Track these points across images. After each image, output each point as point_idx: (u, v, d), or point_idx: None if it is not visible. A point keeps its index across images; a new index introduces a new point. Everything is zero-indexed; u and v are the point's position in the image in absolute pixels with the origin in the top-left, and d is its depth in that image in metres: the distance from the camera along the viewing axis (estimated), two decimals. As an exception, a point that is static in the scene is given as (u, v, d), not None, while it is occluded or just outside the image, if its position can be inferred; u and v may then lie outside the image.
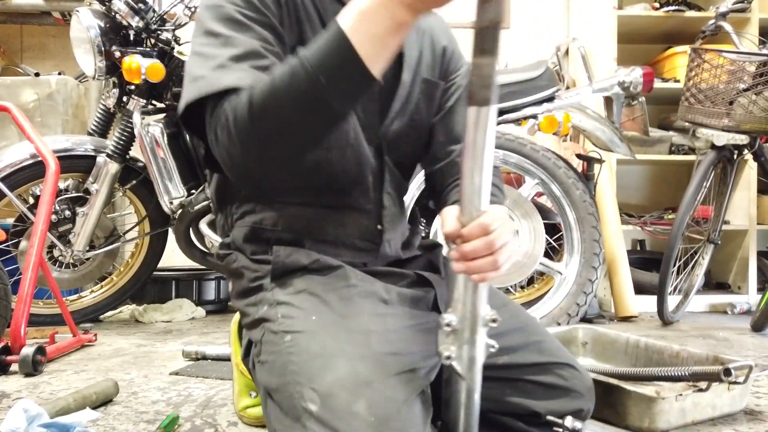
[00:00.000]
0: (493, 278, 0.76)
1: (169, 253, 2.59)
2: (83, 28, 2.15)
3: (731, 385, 1.24)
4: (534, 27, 3.68)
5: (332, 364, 0.80)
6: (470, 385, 0.79)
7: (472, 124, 0.69)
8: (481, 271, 0.75)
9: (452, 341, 0.77)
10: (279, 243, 0.99)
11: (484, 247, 0.75)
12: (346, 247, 1.02)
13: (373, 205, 1.03)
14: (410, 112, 1.06)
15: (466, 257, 0.75)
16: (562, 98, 2.39)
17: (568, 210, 2.23)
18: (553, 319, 2.13)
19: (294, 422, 0.78)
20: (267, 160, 0.83)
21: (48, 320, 2.28)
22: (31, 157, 2.16)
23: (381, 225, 1.04)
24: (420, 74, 1.06)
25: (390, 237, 1.06)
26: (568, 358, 1.00)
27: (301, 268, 0.96)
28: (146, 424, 1.23)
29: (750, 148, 2.48)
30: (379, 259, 1.05)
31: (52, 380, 1.58)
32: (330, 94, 0.75)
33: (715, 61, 2.25)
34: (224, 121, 0.81)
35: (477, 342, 0.77)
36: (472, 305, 0.76)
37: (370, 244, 1.04)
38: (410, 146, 1.08)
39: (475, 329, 0.76)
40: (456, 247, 0.76)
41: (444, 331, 0.77)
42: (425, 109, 1.08)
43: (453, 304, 0.78)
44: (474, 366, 0.78)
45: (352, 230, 1.02)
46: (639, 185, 3.63)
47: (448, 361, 0.78)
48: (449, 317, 0.77)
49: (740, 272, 3.14)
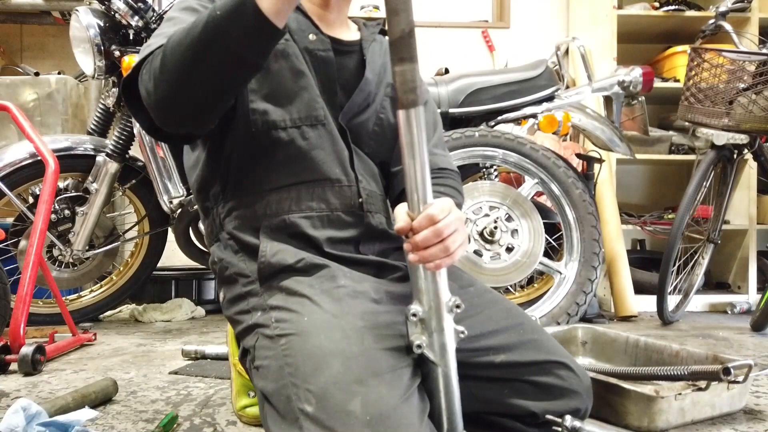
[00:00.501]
0: (446, 264, 0.81)
1: (168, 252, 2.59)
2: (83, 27, 2.15)
3: (731, 385, 1.24)
4: (533, 26, 3.68)
5: (327, 364, 0.80)
6: (446, 371, 0.83)
7: (404, 125, 0.76)
8: (434, 259, 0.80)
9: (421, 330, 0.82)
10: (268, 231, 1.00)
11: (433, 236, 0.79)
12: (332, 223, 1.02)
13: (351, 179, 1.05)
14: (375, 110, 1.12)
15: (418, 247, 0.79)
16: (562, 98, 2.40)
17: (568, 209, 2.23)
18: (553, 318, 2.13)
19: (291, 424, 0.78)
20: (180, 100, 0.87)
21: (47, 319, 2.28)
22: (30, 157, 2.15)
23: (361, 197, 1.05)
24: (386, 79, 1.14)
25: (371, 209, 1.07)
26: (564, 356, 1.00)
27: (288, 268, 0.96)
28: (145, 423, 1.23)
29: (750, 147, 2.47)
30: (367, 235, 1.05)
31: (52, 379, 1.58)
32: (227, 29, 0.80)
33: (715, 61, 2.25)
34: (146, 70, 0.89)
35: (445, 328, 0.81)
36: (435, 294, 0.81)
37: (354, 217, 1.04)
38: (377, 142, 1.13)
39: (441, 316, 0.81)
40: (408, 239, 0.81)
41: (412, 322, 0.81)
42: (391, 109, 1.14)
43: (416, 296, 0.82)
44: (446, 352, 0.82)
45: (336, 203, 1.03)
46: (639, 185, 3.63)
47: (419, 350, 0.81)
48: (414, 308, 0.81)
49: (740, 272, 3.14)
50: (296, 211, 1.01)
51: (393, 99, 1.14)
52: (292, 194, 1.02)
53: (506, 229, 2.18)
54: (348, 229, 1.04)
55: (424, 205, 0.79)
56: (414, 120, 0.75)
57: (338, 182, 1.04)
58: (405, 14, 0.72)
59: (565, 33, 3.65)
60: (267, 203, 1.02)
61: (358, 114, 1.09)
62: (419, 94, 0.75)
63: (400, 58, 0.73)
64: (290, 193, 1.02)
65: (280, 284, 0.95)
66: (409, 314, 0.82)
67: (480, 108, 2.35)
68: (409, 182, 0.79)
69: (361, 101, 1.09)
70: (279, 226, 1.00)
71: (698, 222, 2.68)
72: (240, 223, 1.03)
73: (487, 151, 2.23)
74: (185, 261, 2.51)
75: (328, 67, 1.06)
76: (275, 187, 1.02)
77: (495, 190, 2.20)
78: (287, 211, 1.01)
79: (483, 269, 2.14)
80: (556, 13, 3.70)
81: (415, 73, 0.74)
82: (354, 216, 1.04)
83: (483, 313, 1.00)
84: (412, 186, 0.79)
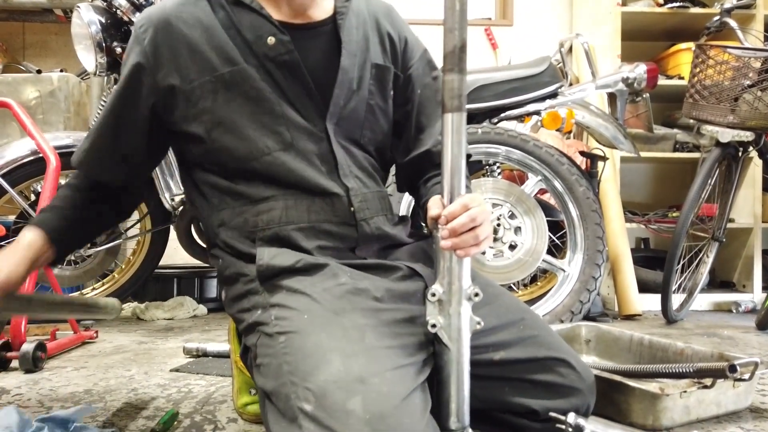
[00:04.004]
0: (474, 253, 0.85)
1: (170, 250, 2.59)
2: (84, 24, 2.14)
3: (736, 383, 1.23)
4: (537, 23, 3.67)
5: (326, 362, 0.79)
6: (458, 357, 0.85)
7: (448, 127, 0.84)
8: (465, 246, 0.83)
9: (439, 311, 0.85)
10: (263, 242, 1.00)
11: (469, 221, 0.83)
12: (325, 234, 1.01)
13: (340, 188, 1.03)
14: (364, 97, 1.08)
15: (455, 232, 0.83)
16: (566, 95, 2.38)
17: (572, 207, 2.22)
18: (557, 316, 2.12)
19: (290, 423, 0.77)
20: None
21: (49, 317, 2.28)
22: (32, 154, 2.15)
23: (353, 206, 1.03)
24: (369, 60, 1.08)
25: (366, 216, 1.04)
26: (565, 353, 0.98)
27: (288, 269, 0.95)
28: (146, 420, 1.22)
29: (755, 145, 2.46)
30: (362, 242, 1.04)
31: (53, 377, 1.58)
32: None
33: (719, 58, 2.24)
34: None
35: (462, 314, 0.85)
36: (457, 278, 0.85)
37: (347, 228, 1.02)
38: (372, 131, 1.10)
39: (460, 300, 0.85)
40: (444, 226, 0.84)
41: (431, 302, 0.85)
42: (379, 92, 1.10)
43: (438, 278, 0.86)
44: (460, 338, 0.85)
45: (326, 215, 1.01)
46: (643, 183, 3.62)
47: (434, 329, 0.84)
48: (435, 288, 0.85)
49: (745, 270, 3.12)
50: (286, 223, 1.00)
51: (381, 81, 1.10)
52: (279, 205, 1.01)
53: (509, 226, 2.17)
54: (341, 240, 1.03)
55: (458, 195, 0.86)
56: (457, 123, 0.83)
57: (326, 194, 1.02)
58: (459, 31, 0.82)
59: (568, 30, 3.63)
60: (257, 214, 1.01)
61: (345, 107, 1.05)
62: (464, 101, 0.83)
63: (450, 68, 0.83)
64: (278, 203, 1.01)
65: (281, 283, 0.95)
66: (429, 294, 0.85)
67: (483, 105, 2.33)
68: (446, 177, 0.86)
69: (344, 95, 1.05)
70: (272, 238, 1.00)
71: (703, 220, 2.66)
72: (234, 233, 1.03)
73: (491, 148, 2.21)
74: (187, 259, 2.50)
75: (295, 71, 1.01)
76: (263, 197, 1.01)
77: (498, 188, 2.19)
78: (278, 223, 1.00)
79: (486, 267, 2.13)
80: (560, 10, 3.68)
81: (462, 83, 0.83)
82: (347, 227, 1.03)
83: (484, 308, 0.99)
84: (448, 180, 0.86)
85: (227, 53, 0.99)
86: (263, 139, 1.00)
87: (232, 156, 1.01)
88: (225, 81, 0.99)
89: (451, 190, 0.86)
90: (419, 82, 1.16)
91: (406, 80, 1.15)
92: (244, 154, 1.00)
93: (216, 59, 0.99)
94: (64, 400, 1.36)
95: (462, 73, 0.83)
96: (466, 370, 0.85)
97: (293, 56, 1.01)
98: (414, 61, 1.16)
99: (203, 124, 1.01)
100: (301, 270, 0.95)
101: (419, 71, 1.16)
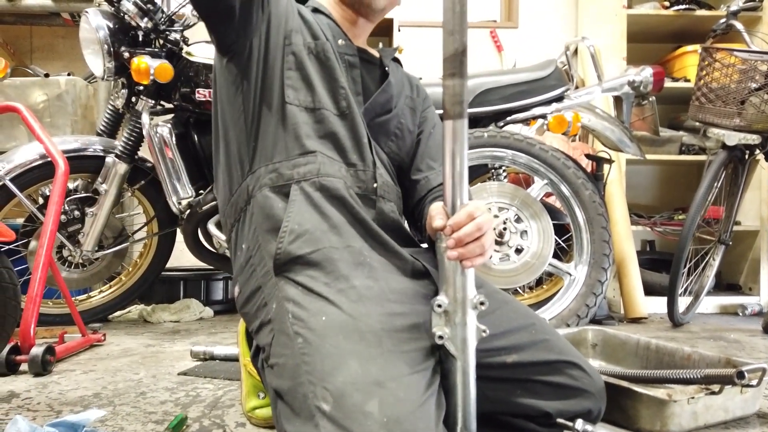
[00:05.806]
0: (479, 263, 0.86)
1: (177, 253, 2.60)
2: (92, 28, 2.16)
3: (744, 389, 1.23)
4: (542, 26, 3.67)
5: (345, 365, 0.81)
6: (465, 367, 0.84)
7: (449, 134, 0.82)
8: (471, 255, 0.84)
9: (444, 322, 0.85)
10: (299, 191, 1.04)
11: (476, 230, 0.85)
12: (347, 201, 1.05)
13: (368, 164, 1.13)
14: (397, 115, 1.23)
15: (461, 242, 0.84)
16: (572, 98, 2.38)
17: (578, 210, 2.22)
18: (563, 320, 2.12)
19: (306, 422, 0.78)
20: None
21: (57, 320, 2.29)
22: (40, 158, 2.16)
23: (376, 182, 1.12)
24: (404, 92, 1.28)
25: (386, 196, 1.14)
26: (576, 357, 1.00)
27: (301, 258, 0.96)
28: (154, 424, 1.23)
29: (762, 147, 2.45)
30: (378, 218, 1.10)
31: (61, 380, 1.59)
32: None
33: (726, 60, 2.23)
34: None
35: (468, 324, 0.84)
36: (462, 288, 0.84)
37: (368, 201, 1.11)
38: (396, 145, 1.23)
39: (465, 311, 0.84)
40: (449, 236, 0.85)
41: (436, 313, 0.84)
42: (409, 117, 1.27)
43: (443, 288, 0.86)
44: (467, 347, 0.84)
45: (355, 180, 1.10)
46: (649, 185, 3.61)
47: (441, 340, 0.84)
48: (440, 299, 0.85)
49: (751, 273, 3.12)
50: (325, 176, 1.06)
51: (412, 109, 1.28)
52: (318, 160, 1.07)
53: (515, 230, 2.17)
54: (362, 208, 1.07)
55: (461, 204, 0.86)
56: (459, 130, 0.83)
57: (354, 166, 1.11)
58: (459, 35, 0.81)
59: (574, 33, 3.63)
60: (294, 167, 1.06)
61: (381, 114, 1.20)
62: (465, 107, 0.82)
63: (451, 73, 0.81)
64: (316, 158, 1.07)
65: (295, 278, 0.96)
66: (435, 305, 0.84)
67: (489, 108, 2.34)
68: (447, 185, 0.85)
69: (383, 102, 1.20)
70: (312, 186, 1.04)
71: (709, 223, 2.66)
72: (270, 188, 1.06)
73: (496, 151, 2.22)
74: (194, 262, 2.52)
75: (353, 70, 1.19)
76: (304, 152, 1.07)
77: (504, 191, 2.19)
78: (317, 174, 1.06)
79: (492, 271, 2.13)
80: (565, 12, 3.68)
81: (463, 87, 0.82)
82: (368, 200, 1.10)
83: (494, 313, 0.99)
84: (450, 189, 0.85)
85: (316, 33, 1.16)
86: (326, 97, 1.12)
87: (297, 96, 1.10)
88: (312, 49, 1.14)
89: (454, 199, 0.85)
90: (431, 121, 1.33)
91: (421, 121, 1.32)
92: (306, 98, 1.11)
93: (309, 35, 1.16)
94: (74, 404, 1.37)
95: (463, 78, 0.81)
96: (472, 379, 0.86)
97: (355, 59, 1.20)
98: (429, 108, 1.36)
99: (287, 63, 1.12)
100: (314, 263, 0.96)
101: (432, 113, 1.35)
